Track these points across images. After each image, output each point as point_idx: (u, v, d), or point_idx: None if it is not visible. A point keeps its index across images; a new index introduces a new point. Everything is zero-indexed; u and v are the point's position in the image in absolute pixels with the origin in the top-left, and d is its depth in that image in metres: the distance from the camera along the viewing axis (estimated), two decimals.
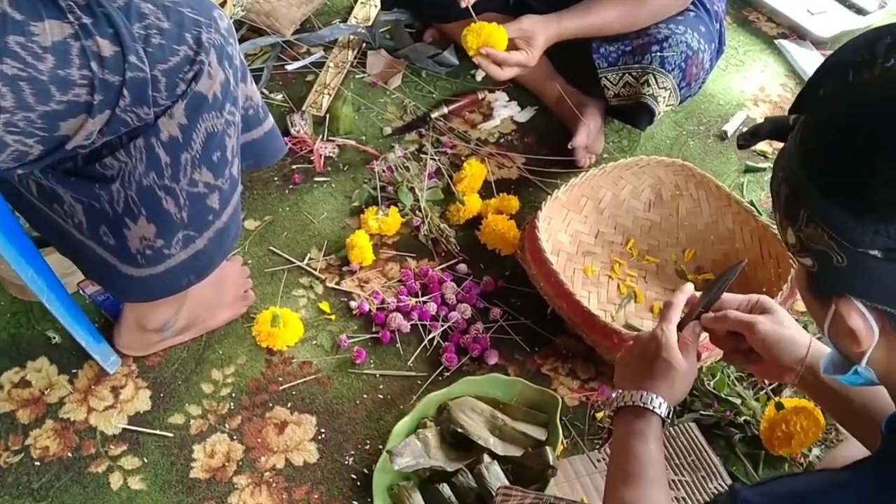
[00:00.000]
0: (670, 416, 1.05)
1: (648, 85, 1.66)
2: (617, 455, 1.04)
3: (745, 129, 1.20)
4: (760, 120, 1.93)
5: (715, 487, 1.31)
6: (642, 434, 1.04)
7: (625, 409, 1.05)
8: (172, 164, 1.13)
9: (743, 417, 1.37)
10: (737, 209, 1.61)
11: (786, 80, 2.06)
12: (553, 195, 1.57)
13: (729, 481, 1.32)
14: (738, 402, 1.40)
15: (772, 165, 1.87)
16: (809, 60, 2.09)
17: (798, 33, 2.17)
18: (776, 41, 2.15)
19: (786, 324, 1.06)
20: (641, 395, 1.04)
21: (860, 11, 2.23)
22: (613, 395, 1.11)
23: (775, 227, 1.59)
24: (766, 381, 1.42)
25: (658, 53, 1.64)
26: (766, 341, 1.04)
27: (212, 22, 1.11)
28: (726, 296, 1.12)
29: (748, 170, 1.84)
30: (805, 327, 1.47)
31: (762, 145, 1.89)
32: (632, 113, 1.76)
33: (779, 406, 1.22)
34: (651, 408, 1.03)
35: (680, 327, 1.11)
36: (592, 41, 1.71)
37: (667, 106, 1.71)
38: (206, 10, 1.11)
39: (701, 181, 1.65)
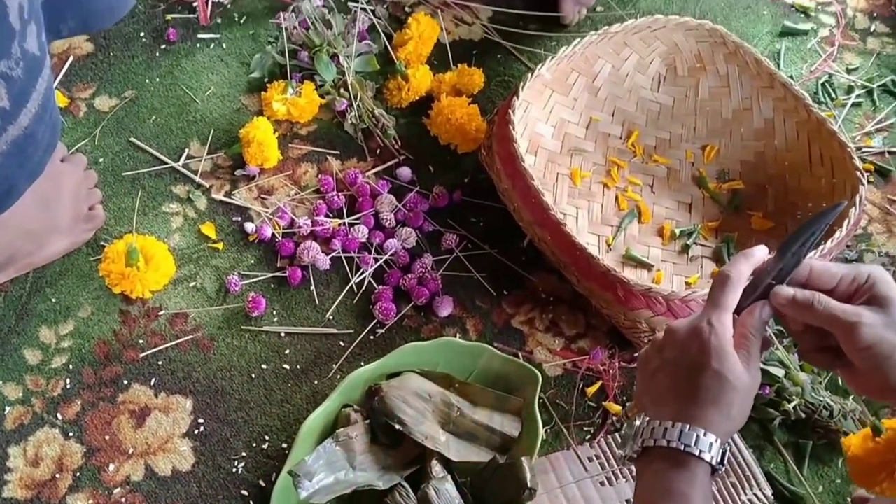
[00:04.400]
0: (724, 460, 0.67)
1: None
2: None
3: None
4: None
5: (748, 500, 0.95)
6: (683, 496, 0.66)
7: (655, 452, 0.67)
8: None
9: (793, 404, 0.99)
10: (781, 93, 1.17)
11: None
12: (534, 72, 1.10)
13: (768, 490, 0.96)
14: (781, 373, 1.02)
15: (815, 26, 1.44)
16: None
17: None
18: None
19: None
20: (681, 432, 0.67)
21: None
22: (637, 422, 0.72)
23: (833, 120, 1.18)
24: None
25: None
26: (871, 352, 0.65)
27: None
28: (819, 263, 0.71)
29: (785, 32, 1.38)
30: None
31: None
32: None
33: (875, 429, 0.83)
34: (696, 452, 0.65)
35: (737, 309, 0.71)
36: None
37: None
38: None
39: (733, 52, 1.19)
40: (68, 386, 0.97)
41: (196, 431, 0.95)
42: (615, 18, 1.33)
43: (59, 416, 0.95)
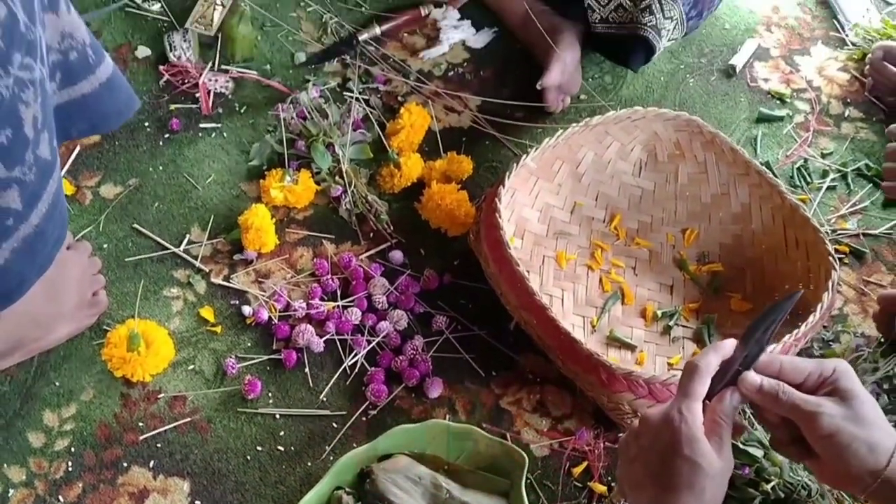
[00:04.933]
0: None
1: (650, 13, 1.24)
2: None
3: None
4: (774, 51, 1.54)
5: None
6: None
7: None
8: None
9: (772, 484, 1.02)
10: (756, 180, 1.22)
11: None
12: (519, 162, 1.16)
13: None
14: (760, 453, 1.05)
15: (790, 112, 1.50)
16: None
17: None
18: None
19: (864, 417, 0.71)
20: None
21: None
22: None
23: (804, 207, 1.23)
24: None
25: None
26: (831, 441, 0.70)
27: None
28: (788, 359, 0.76)
29: (761, 118, 1.44)
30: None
31: (779, 85, 1.49)
32: (621, 47, 1.35)
33: None
34: None
35: (708, 395, 0.75)
36: None
37: (669, 41, 1.30)
38: None
39: (710, 141, 1.25)
40: (70, 468, 1.00)
41: None
42: (597, 107, 1.40)
43: (60, 498, 0.98)
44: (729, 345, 0.77)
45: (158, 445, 1.03)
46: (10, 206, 0.80)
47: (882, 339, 1.19)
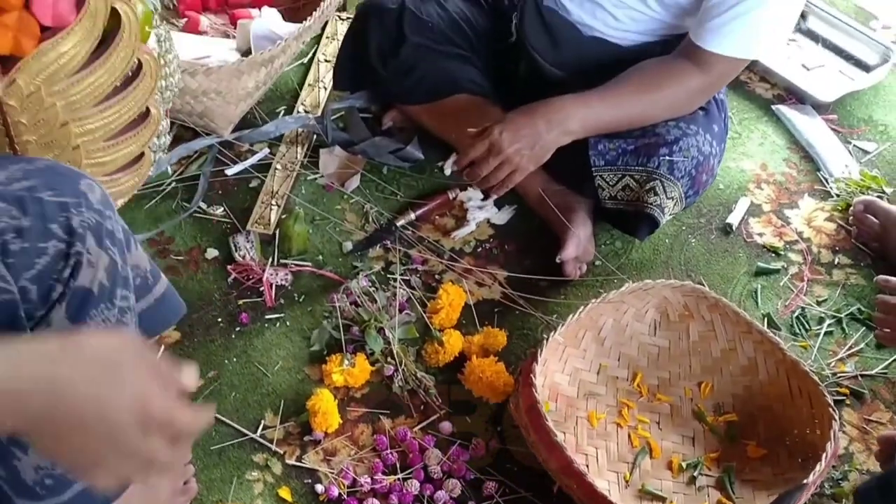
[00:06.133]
0: None
1: (655, 193, 1.44)
2: None
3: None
4: (766, 206, 1.72)
5: None
6: None
7: None
8: None
9: None
10: (759, 337, 1.39)
11: (788, 153, 1.84)
12: (548, 339, 1.33)
13: None
14: None
15: (785, 264, 1.67)
16: (812, 128, 1.87)
17: (796, 95, 1.96)
18: (773, 107, 1.93)
19: None
20: None
21: (860, 65, 2.03)
22: None
23: (803, 362, 1.38)
24: None
25: (666, 157, 1.42)
26: None
27: (80, 199, 0.89)
28: None
29: (760, 272, 1.61)
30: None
31: (772, 238, 1.67)
32: (628, 219, 1.53)
33: None
34: None
35: None
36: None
37: (670, 215, 1.49)
38: (71, 184, 0.90)
39: (714, 304, 1.42)
40: None
41: None
42: (610, 272, 1.57)
43: None
44: None
45: None
46: None
47: None
